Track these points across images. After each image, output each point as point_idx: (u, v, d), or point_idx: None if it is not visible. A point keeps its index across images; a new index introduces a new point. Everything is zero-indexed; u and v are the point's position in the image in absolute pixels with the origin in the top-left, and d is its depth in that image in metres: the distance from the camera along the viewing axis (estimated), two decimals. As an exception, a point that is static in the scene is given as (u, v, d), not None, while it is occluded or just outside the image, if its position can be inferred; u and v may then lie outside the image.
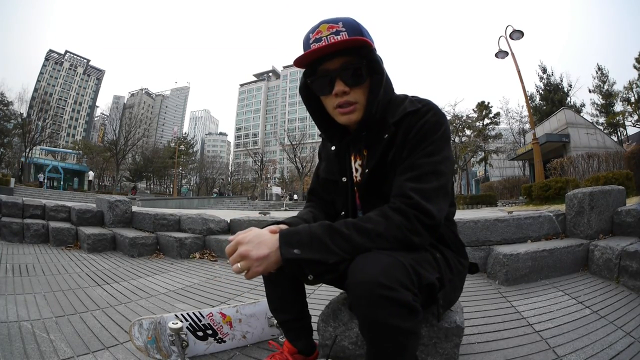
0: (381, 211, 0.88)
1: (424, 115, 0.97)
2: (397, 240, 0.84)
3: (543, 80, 32.40)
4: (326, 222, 0.87)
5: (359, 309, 0.77)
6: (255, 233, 0.87)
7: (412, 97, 1.05)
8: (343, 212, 1.14)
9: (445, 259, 1.00)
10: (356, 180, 1.11)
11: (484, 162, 33.52)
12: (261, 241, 0.85)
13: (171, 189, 51.68)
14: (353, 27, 0.94)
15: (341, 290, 1.32)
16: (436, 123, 0.96)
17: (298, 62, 0.98)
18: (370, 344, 0.79)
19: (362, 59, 0.96)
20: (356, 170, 1.11)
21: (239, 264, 0.85)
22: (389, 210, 0.87)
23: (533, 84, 37.41)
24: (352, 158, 1.12)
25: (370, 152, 1.05)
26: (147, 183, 58.38)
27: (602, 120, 30.03)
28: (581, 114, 23.79)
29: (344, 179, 1.12)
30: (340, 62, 0.96)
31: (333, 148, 1.15)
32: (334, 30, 0.93)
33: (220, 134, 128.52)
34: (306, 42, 0.97)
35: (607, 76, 30.76)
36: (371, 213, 0.89)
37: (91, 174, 35.59)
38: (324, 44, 0.92)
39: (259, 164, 54.41)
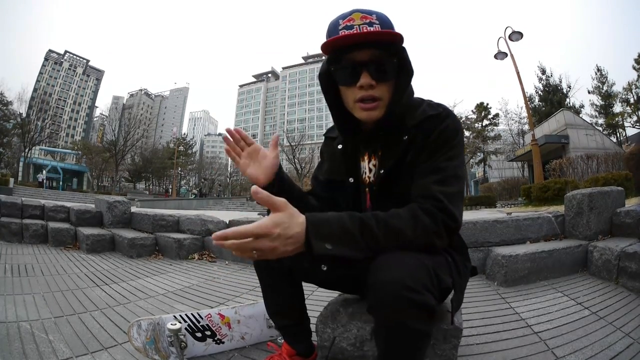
0: (411, 210, 0.85)
1: (444, 119, 0.96)
2: (422, 242, 0.83)
3: (542, 82, 32.49)
4: (356, 214, 0.82)
5: (382, 310, 0.75)
6: (284, 226, 0.73)
7: (429, 100, 1.04)
8: None
9: (455, 262, 0.99)
10: (368, 180, 1.07)
11: (483, 163, 33.58)
12: (290, 236, 0.74)
13: (170, 190, 51.62)
14: (386, 23, 0.91)
15: (339, 292, 1.32)
16: (455, 130, 0.96)
17: (325, 46, 0.92)
18: (385, 346, 0.77)
19: (393, 55, 0.92)
20: (369, 170, 1.07)
21: (254, 254, 0.73)
22: (419, 211, 0.84)
23: (532, 85, 37.44)
24: (366, 157, 1.08)
25: (386, 152, 1.03)
26: (146, 184, 58.32)
27: (601, 121, 30.13)
28: (580, 115, 23.86)
29: (352, 180, 1.09)
30: (369, 54, 0.91)
31: (340, 147, 1.11)
32: (368, 20, 0.89)
33: (220, 134, 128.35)
34: (333, 27, 0.92)
35: (607, 77, 30.87)
36: (400, 210, 0.85)
37: (44, 172, 34.30)
38: (356, 31, 0.88)
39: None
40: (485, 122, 32.49)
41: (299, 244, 0.75)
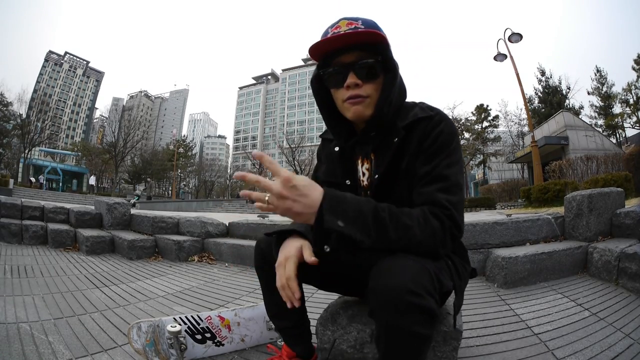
0: (422, 211, 0.85)
1: (438, 123, 0.96)
2: (426, 246, 0.83)
3: (542, 83, 32.52)
4: (373, 201, 0.83)
5: (383, 314, 0.74)
6: (302, 183, 0.77)
7: (421, 103, 1.03)
8: None
9: (455, 266, 0.98)
10: (363, 184, 1.06)
11: (482, 165, 33.55)
12: (305, 195, 0.76)
13: (170, 192, 51.60)
14: (371, 27, 0.94)
15: (339, 295, 1.32)
16: (451, 133, 0.96)
17: (313, 51, 0.96)
18: (387, 349, 0.77)
19: (378, 55, 0.95)
20: (363, 174, 1.06)
21: (266, 201, 0.78)
22: (429, 215, 0.85)
23: (532, 86, 37.38)
24: (359, 161, 1.07)
25: (378, 156, 1.02)
26: (145, 185, 58.25)
27: (600, 122, 30.16)
28: (580, 117, 23.85)
29: (348, 182, 1.07)
30: (355, 55, 0.95)
31: (337, 149, 1.10)
32: (353, 26, 0.93)
33: (219, 136, 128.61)
34: (324, 36, 0.96)
35: (606, 78, 30.91)
36: (412, 210, 0.86)
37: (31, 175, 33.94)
38: (338, 35, 0.92)
39: (258, 167, 54.34)
40: (485, 123, 32.46)
41: (312, 210, 0.77)
